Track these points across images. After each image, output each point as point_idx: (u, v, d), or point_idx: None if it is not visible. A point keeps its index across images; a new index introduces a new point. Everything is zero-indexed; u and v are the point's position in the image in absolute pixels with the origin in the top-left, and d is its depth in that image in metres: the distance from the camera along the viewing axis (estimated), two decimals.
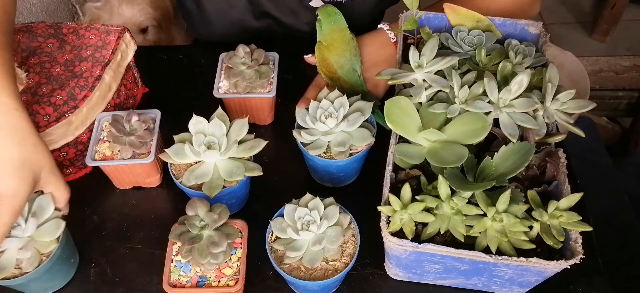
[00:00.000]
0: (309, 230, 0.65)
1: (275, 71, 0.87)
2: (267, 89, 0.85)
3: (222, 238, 0.66)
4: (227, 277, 0.67)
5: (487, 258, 0.60)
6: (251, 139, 0.76)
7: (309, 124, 0.76)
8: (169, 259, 0.68)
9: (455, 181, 0.61)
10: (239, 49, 0.87)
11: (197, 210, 0.68)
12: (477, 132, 0.65)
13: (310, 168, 0.83)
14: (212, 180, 0.73)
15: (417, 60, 0.71)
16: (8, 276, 0.66)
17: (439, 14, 0.84)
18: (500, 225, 0.60)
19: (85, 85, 0.79)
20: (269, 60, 0.89)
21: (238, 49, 0.87)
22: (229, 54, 0.88)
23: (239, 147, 0.74)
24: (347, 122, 0.74)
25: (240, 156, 0.75)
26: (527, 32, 0.83)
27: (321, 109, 0.75)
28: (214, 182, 0.72)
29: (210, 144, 0.73)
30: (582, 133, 0.67)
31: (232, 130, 0.75)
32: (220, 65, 0.88)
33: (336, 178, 0.81)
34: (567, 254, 0.61)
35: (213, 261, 0.65)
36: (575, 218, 0.60)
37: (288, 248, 0.65)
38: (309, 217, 0.66)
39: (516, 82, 0.67)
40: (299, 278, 0.65)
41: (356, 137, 0.75)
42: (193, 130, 0.74)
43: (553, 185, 0.67)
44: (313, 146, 0.75)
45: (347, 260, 0.67)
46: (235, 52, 0.87)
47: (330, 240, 0.66)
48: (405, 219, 0.62)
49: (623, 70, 1.80)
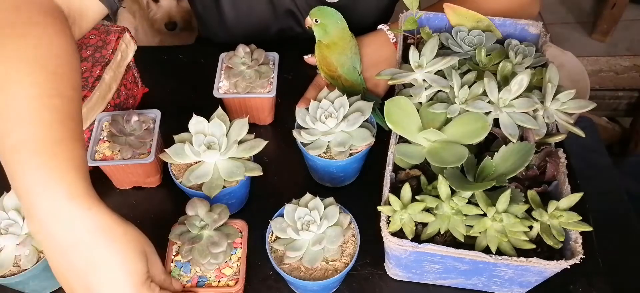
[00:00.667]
0: (309, 230, 0.65)
1: (275, 71, 0.87)
2: (267, 88, 0.85)
3: (222, 238, 0.66)
4: (227, 277, 0.67)
5: (487, 258, 0.60)
6: (251, 138, 0.76)
7: (309, 124, 0.76)
8: (169, 259, 0.68)
9: (455, 181, 0.61)
10: (239, 49, 0.87)
11: (197, 210, 0.68)
12: (477, 132, 0.65)
13: (310, 168, 0.83)
14: (212, 180, 0.72)
15: (417, 60, 0.71)
16: (6, 274, 0.66)
17: (439, 14, 0.84)
18: (500, 225, 0.60)
19: (85, 85, 0.79)
20: (269, 60, 0.89)
21: (238, 49, 0.87)
22: (228, 54, 0.88)
23: (239, 147, 0.74)
24: (347, 122, 0.74)
25: (240, 156, 0.74)
26: (527, 32, 0.83)
27: (321, 109, 0.75)
28: (214, 182, 0.72)
29: (210, 144, 0.73)
30: (582, 133, 0.67)
31: (232, 130, 0.75)
32: (220, 65, 0.88)
33: (336, 179, 0.81)
34: (567, 254, 0.61)
35: (213, 261, 0.65)
36: (575, 218, 0.60)
37: (288, 248, 0.65)
38: (309, 217, 0.66)
39: (516, 82, 0.67)
40: (299, 278, 0.65)
41: (356, 137, 0.75)
42: (193, 130, 0.74)
43: (553, 185, 0.67)
44: (313, 146, 0.75)
45: (347, 260, 0.67)
46: (235, 52, 0.87)
47: (330, 240, 0.66)
48: (405, 219, 0.62)
49: (623, 70, 1.81)
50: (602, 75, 1.80)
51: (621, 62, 1.83)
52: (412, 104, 0.68)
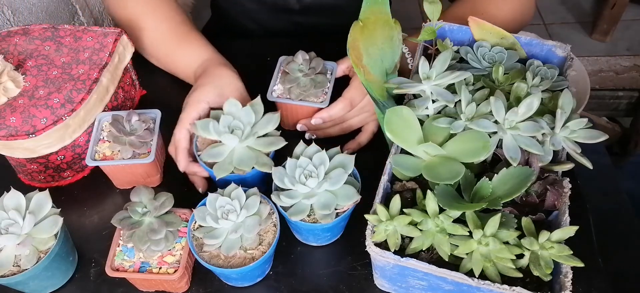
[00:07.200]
0: (228, 219, 0.66)
1: (331, 82, 0.85)
2: (320, 98, 0.84)
3: (162, 225, 0.68)
4: (168, 264, 0.68)
5: (469, 281, 0.58)
6: (275, 135, 0.76)
7: (287, 185, 0.69)
8: (115, 244, 0.70)
9: (444, 199, 0.60)
10: (298, 56, 0.86)
11: (141, 197, 0.69)
12: (478, 151, 0.64)
13: (291, 229, 0.77)
14: (223, 162, 0.74)
15: (426, 71, 0.70)
16: (7, 274, 0.66)
17: (464, 27, 0.82)
18: (486, 248, 0.59)
19: (82, 88, 0.79)
20: (327, 70, 0.87)
21: (297, 55, 0.86)
22: (287, 59, 0.87)
23: (258, 140, 0.75)
24: (330, 181, 0.68)
25: (257, 148, 0.75)
26: (553, 54, 0.80)
27: (299, 168, 0.69)
28: (224, 165, 0.73)
29: (234, 128, 0.74)
30: (589, 164, 0.64)
31: (261, 122, 0.76)
32: (278, 68, 0.87)
33: (322, 238, 0.76)
34: (555, 288, 0.59)
35: (154, 248, 0.67)
36: (566, 251, 0.58)
37: (207, 236, 0.67)
38: (229, 206, 0.67)
39: (525, 104, 0.64)
40: (217, 266, 0.66)
41: (341, 195, 0.69)
42: (226, 109, 0.76)
43: (553, 214, 0.64)
44: (294, 211, 0.68)
45: (265, 248, 0.67)
46: (294, 58, 0.86)
47: (247, 229, 0.67)
48: (390, 231, 0.62)
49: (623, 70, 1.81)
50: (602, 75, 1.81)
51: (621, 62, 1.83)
52: (415, 115, 0.67)
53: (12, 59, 0.81)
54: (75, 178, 0.84)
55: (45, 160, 0.79)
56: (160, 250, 0.68)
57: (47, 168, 0.81)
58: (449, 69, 0.70)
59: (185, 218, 0.71)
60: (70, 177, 0.84)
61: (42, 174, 0.82)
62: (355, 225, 0.69)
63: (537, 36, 0.91)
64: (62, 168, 0.82)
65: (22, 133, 0.74)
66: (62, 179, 0.83)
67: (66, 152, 0.80)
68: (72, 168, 0.83)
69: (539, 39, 0.82)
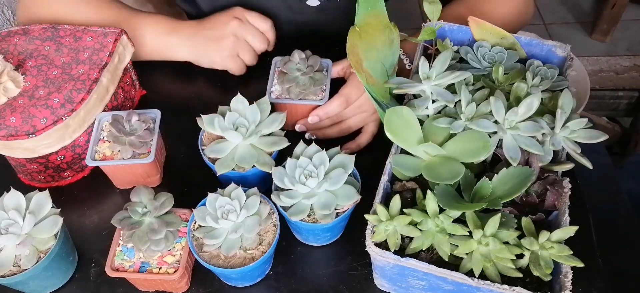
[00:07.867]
0: (228, 219, 0.66)
1: (328, 78, 0.85)
2: (319, 96, 0.84)
3: (162, 225, 0.68)
4: (168, 264, 0.68)
5: (469, 281, 0.58)
6: (280, 135, 0.76)
7: (287, 185, 0.69)
8: (115, 244, 0.70)
9: (444, 199, 0.60)
10: (295, 55, 0.86)
11: (141, 197, 0.69)
12: (478, 151, 0.64)
13: (291, 229, 0.77)
14: (224, 159, 0.74)
15: (426, 71, 0.70)
16: (7, 274, 0.66)
17: (464, 27, 0.82)
18: (486, 248, 0.59)
19: (82, 88, 0.79)
20: (323, 67, 0.87)
21: (294, 55, 0.86)
22: (283, 59, 0.86)
23: (261, 138, 0.75)
24: (330, 181, 0.68)
25: (260, 147, 0.75)
26: (553, 54, 0.80)
27: (299, 168, 0.69)
28: (225, 161, 0.73)
29: (239, 125, 0.74)
30: (589, 164, 0.64)
31: (266, 121, 0.76)
32: (273, 69, 0.87)
33: (322, 238, 0.76)
34: (555, 288, 0.59)
35: (154, 248, 0.67)
36: (566, 251, 0.58)
37: (207, 236, 0.67)
38: (229, 206, 0.67)
39: (525, 104, 0.65)
40: (217, 266, 0.66)
41: (341, 195, 0.69)
42: (232, 106, 0.76)
43: (554, 214, 0.64)
44: (294, 211, 0.68)
45: (265, 248, 0.67)
46: (291, 57, 0.86)
47: (247, 229, 0.67)
48: (390, 231, 0.62)
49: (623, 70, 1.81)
50: (602, 75, 1.81)
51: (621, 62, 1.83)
52: (415, 115, 0.67)
53: (12, 59, 0.81)
54: (75, 178, 0.84)
55: (45, 160, 0.79)
56: (160, 250, 0.68)
57: (47, 168, 0.81)
58: (449, 69, 0.70)
59: (185, 218, 0.71)
60: (70, 177, 0.84)
61: (42, 174, 0.82)
62: (355, 225, 0.69)
63: (537, 36, 0.91)
64: (62, 168, 0.82)
65: (22, 133, 0.74)
66: (62, 179, 0.83)
67: (66, 152, 0.80)
68: (72, 168, 0.83)
69: (539, 39, 0.82)
